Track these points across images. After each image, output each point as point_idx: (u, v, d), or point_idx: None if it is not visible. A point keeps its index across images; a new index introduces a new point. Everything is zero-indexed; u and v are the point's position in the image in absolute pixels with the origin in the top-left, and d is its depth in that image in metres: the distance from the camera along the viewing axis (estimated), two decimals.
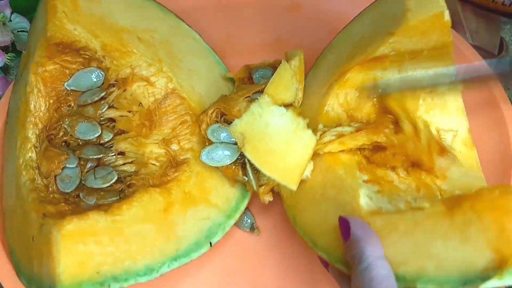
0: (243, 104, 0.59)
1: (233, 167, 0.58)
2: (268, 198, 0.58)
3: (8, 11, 0.71)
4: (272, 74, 0.60)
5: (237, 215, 0.60)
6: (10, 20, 0.71)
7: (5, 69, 0.72)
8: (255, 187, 0.57)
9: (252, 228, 0.63)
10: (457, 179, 0.55)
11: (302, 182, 0.56)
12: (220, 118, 0.60)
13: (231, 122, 0.54)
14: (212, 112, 0.59)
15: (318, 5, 0.79)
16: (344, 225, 0.48)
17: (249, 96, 0.60)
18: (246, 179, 0.57)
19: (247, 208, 0.64)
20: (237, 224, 0.63)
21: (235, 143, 0.57)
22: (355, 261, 0.45)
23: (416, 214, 0.47)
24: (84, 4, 0.58)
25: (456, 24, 0.77)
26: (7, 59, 0.70)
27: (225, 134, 0.58)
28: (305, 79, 0.64)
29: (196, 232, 0.55)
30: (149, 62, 0.60)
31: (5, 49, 0.70)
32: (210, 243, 0.56)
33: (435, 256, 0.44)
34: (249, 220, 0.63)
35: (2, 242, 0.56)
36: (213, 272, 0.60)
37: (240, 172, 0.58)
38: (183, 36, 0.66)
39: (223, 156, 0.58)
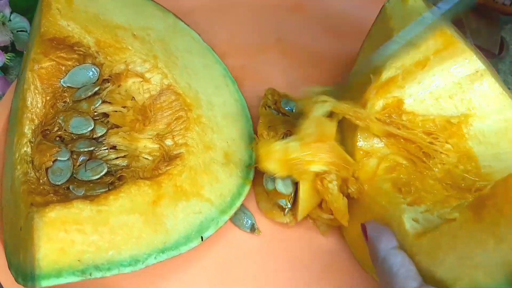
0: None
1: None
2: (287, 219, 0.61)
3: (7, 11, 0.72)
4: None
5: (232, 211, 0.59)
6: (10, 20, 0.73)
7: (5, 69, 0.74)
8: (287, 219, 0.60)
9: (253, 228, 0.62)
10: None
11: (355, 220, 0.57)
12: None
13: None
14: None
15: (320, 5, 0.79)
16: (364, 230, 0.51)
17: None
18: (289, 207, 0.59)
19: (247, 209, 0.63)
20: (237, 225, 0.62)
21: None
22: (373, 259, 0.48)
23: (451, 226, 0.46)
24: (80, 1, 0.59)
25: (456, 24, 0.77)
26: (7, 59, 0.71)
27: None
28: None
29: (186, 226, 0.54)
30: (144, 59, 0.61)
31: (5, 49, 0.72)
32: (202, 237, 0.55)
33: (480, 264, 0.43)
34: (249, 221, 0.62)
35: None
36: (210, 271, 0.59)
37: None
38: (181, 35, 0.67)
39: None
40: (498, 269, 0.42)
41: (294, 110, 0.67)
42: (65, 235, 0.46)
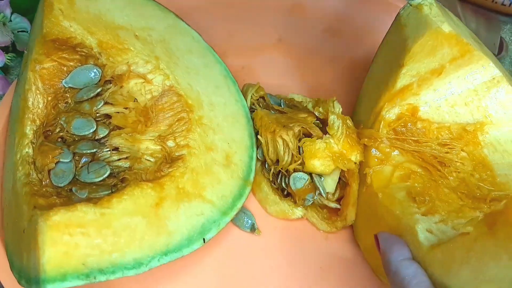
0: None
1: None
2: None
3: (8, 11, 0.72)
4: None
5: (233, 213, 0.59)
6: (10, 20, 0.73)
7: (5, 69, 0.73)
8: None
9: (253, 228, 0.62)
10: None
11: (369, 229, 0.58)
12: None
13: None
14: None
15: (320, 5, 0.79)
16: (377, 241, 0.51)
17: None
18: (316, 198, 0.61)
19: (247, 209, 0.63)
20: (237, 224, 0.62)
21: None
22: (386, 270, 0.48)
23: (465, 239, 0.46)
24: (81, 2, 0.59)
25: None
26: (7, 59, 0.71)
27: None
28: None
29: (188, 228, 0.54)
30: (146, 60, 0.61)
31: (5, 49, 0.71)
32: (204, 239, 0.55)
33: (493, 279, 0.43)
34: (249, 221, 0.62)
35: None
36: (211, 272, 0.60)
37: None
38: (181, 35, 0.67)
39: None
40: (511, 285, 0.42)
41: (282, 105, 0.68)
42: (69, 239, 0.46)
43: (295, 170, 0.62)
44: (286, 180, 0.62)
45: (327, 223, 0.62)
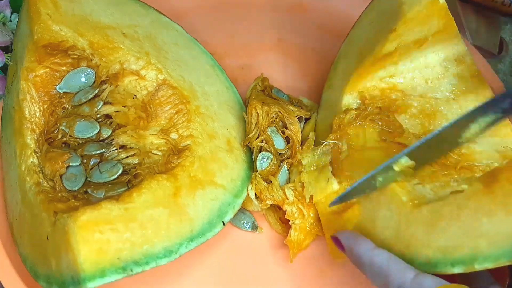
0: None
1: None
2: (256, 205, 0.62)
3: (8, 11, 0.71)
4: None
5: (244, 195, 0.61)
6: (10, 20, 0.72)
7: (5, 69, 0.71)
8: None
9: (254, 226, 0.63)
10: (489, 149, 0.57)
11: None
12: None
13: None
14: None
15: (320, 5, 0.79)
16: (337, 242, 0.51)
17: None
18: None
19: (245, 209, 0.64)
20: (238, 226, 0.63)
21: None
22: (359, 267, 0.48)
23: (457, 197, 0.47)
24: (66, 5, 0.58)
25: (456, 24, 0.78)
26: (7, 59, 0.69)
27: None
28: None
29: (207, 213, 0.56)
30: (137, 56, 0.61)
31: (5, 49, 0.70)
32: (223, 222, 0.56)
33: (485, 234, 0.44)
34: (249, 221, 0.63)
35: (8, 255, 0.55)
36: (213, 273, 0.60)
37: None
38: (165, 29, 0.67)
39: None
40: (505, 239, 0.43)
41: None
42: (100, 236, 0.47)
43: (262, 150, 0.63)
44: (252, 156, 0.63)
45: (281, 225, 0.63)
